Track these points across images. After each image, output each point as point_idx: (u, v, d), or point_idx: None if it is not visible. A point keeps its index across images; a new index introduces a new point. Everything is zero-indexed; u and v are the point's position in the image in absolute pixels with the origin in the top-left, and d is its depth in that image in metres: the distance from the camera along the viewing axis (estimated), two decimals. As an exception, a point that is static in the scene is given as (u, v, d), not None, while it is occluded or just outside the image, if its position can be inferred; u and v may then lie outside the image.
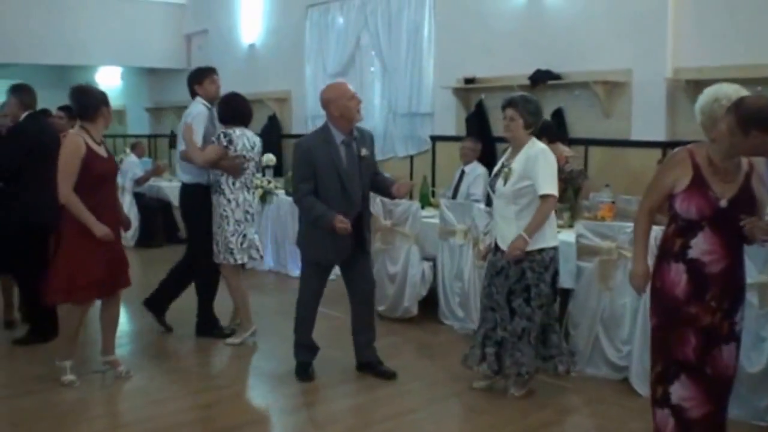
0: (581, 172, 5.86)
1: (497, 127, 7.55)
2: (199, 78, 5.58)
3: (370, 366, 4.74)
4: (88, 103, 4.53)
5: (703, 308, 3.22)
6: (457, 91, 7.78)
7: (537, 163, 4.18)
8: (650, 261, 3.49)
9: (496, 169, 4.39)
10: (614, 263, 4.57)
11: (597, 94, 6.65)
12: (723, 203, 3.18)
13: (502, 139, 7.35)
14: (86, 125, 4.52)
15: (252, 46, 10.76)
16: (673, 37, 6.33)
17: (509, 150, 4.37)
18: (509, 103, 4.26)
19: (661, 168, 3.46)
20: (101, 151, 4.52)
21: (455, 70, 7.78)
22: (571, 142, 6.95)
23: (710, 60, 6.09)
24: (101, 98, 4.59)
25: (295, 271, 7.44)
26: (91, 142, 4.45)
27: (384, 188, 4.70)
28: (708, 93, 3.36)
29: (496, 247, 4.32)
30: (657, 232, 3.62)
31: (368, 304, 4.78)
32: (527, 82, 7.02)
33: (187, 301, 5.72)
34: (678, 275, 3.25)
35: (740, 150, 3.14)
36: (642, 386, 4.33)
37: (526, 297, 4.22)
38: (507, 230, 4.26)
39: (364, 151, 4.54)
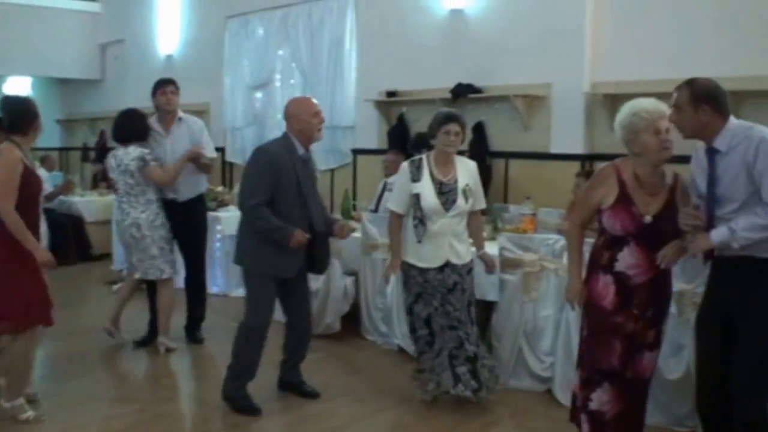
0: None
1: (419, 140, 7.60)
2: (153, 90, 5.66)
3: (293, 385, 4.59)
4: (23, 115, 4.17)
5: (628, 316, 3.35)
6: (379, 104, 7.74)
7: (477, 178, 4.34)
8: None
9: (429, 186, 4.23)
10: (537, 275, 4.58)
11: (517, 108, 6.71)
12: (647, 219, 3.29)
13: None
14: (17, 139, 4.12)
15: (170, 57, 10.50)
16: (591, 52, 6.45)
17: (433, 164, 4.29)
18: (455, 119, 4.24)
19: (589, 184, 3.55)
20: (33, 167, 4.22)
21: (377, 82, 7.75)
22: (492, 155, 7.02)
23: (627, 74, 6.22)
24: (36, 110, 4.25)
25: (214, 288, 7.27)
26: (25, 158, 4.07)
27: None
28: (626, 107, 3.40)
29: (442, 265, 4.25)
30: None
31: (308, 325, 4.64)
32: (449, 95, 7.05)
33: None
34: (606, 287, 3.37)
35: (685, 127, 3.23)
36: (566, 397, 4.33)
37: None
38: (459, 245, 4.30)
39: (318, 173, 4.52)
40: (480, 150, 6.93)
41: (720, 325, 3.30)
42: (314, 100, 4.46)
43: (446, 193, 4.23)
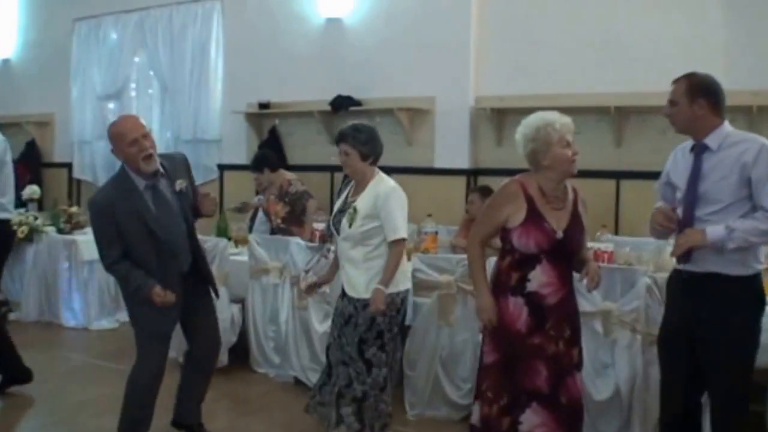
0: (305, 192, 5.99)
1: (294, 154, 7.16)
2: None
3: (190, 428, 4.02)
4: None
5: (546, 338, 3.20)
6: (249, 117, 7.24)
7: (388, 204, 3.69)
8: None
9: (338, 205, 3.87)
10: (453, 297, 4.29)
11: (400, 122, 6.48)
12: (559, 234, 3.18)
13: (301, 167, 7.00)
14: None
15: (7, 61, 9.26)
16: (475, 66, 6.33)
17: (352, 183, 3.90)
18: (340, 138, 3.79)
19: (493, 201, 3.35)
20: None
21: (246, 93, 7.23)
22: (373, 170, 6.73)
23: (512, 89, 6.16)
24: None
25: (70, 321, 6.46)
26: None
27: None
28: (535, 120, 3.26)
29: (343, 293, 3.80)
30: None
31: (210, 362, 4.06)
32: (328, 107, 6.69)
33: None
34: (517, 309, 3.21)
35: (679, 120, 3.12)
36: None
37: (380, 344, 3.73)
38: (355, 275, 3.74)
39: (179, 184, 3.76)
40: (360, 165, 6.62)
41: (686, 344, 3.15)
42: (139, 120, 3.73)
43: (339, 213, 3.82)
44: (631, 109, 5.80)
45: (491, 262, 3.48)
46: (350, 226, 3.71)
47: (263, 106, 7.09)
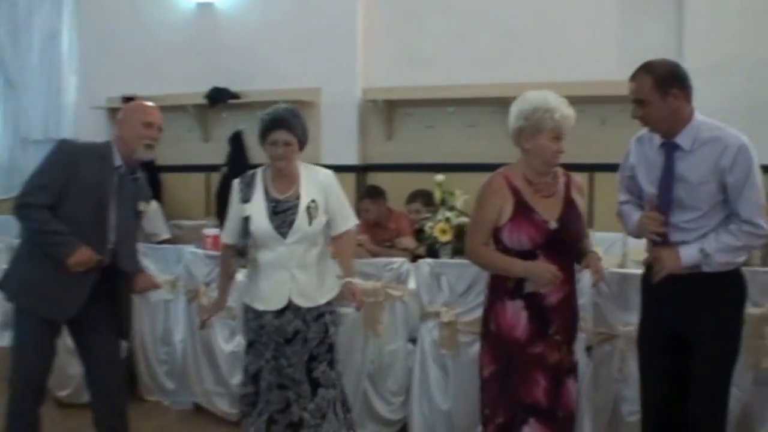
0: None
1: (165, 153, 6.41)
2: None
3: None
4: None
5: (549, 345, 2.95)
6: (111, 113, 6.41)
7: (334, 190, 3.35)
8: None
9: (267, 208, 3.26)
10: (381, 305, 3.87)
11: (286, 115, 5.96)
12: (553, 224, 2.92)
13: (172, 168, 6.31)
14: None
15: None
16: (363, 55, 5.95)
17: (269, 179, 3.34)
18: (278, 125, 3.21)
19: (479, 201, 3.04)
20: None
21: (107, 87, 6.41)
22: (253, 168, 6.17)
23: (403, 79, 5.83)
24: None
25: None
26: None
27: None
28: (537, 98, 2.95)
29: (284, 308, 3.25)
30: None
31: (118, 392, 3.40)
32: (203, 100, 6.06)
33: None
34: (516, 314, 2.94)
35: (654, 119, 2.81)
36: None
37: (330, 360, 3.29)
38: (308, 281, 3.26)
39: (143, 206, 3.35)
40: (240, 163, 6.06)
41: (667, 343, 2.93)
42: (156, 110, 3.38)
43: (282, 213, 3.26)
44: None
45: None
46: (310, 223, 3.23)
47: (127, 100, 6.23)
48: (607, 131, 5.37)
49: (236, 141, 6.16)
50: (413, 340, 3.93)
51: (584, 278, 3.55)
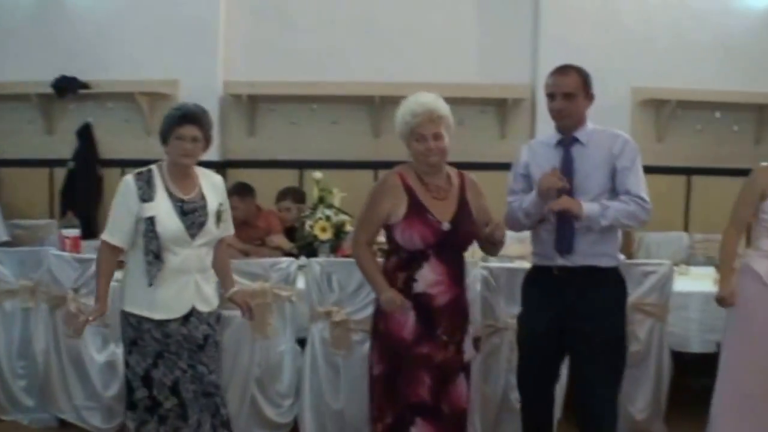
0: None
1: (3, 147, 5.86)
2: None
3: None
4: None
5: (436, 345, 2.95)
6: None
7: (225, 196, 3.22)
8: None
9: (174, 208, 3.02)
10: (269, 307, 3.74)
11: (140, 108, 5.64)
12: (446, 225, 2.94)
13: (10, 162, 5.77)
14: None
15: None
16: (225, 47, 5.75)
17: (168, 178, 3.10)
18: (190, 119, 3.00)
19: (371, 197, 3.04)
20: None
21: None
22: (104, 164, 5.81)
23: (266, 74, 5.70)
24: None
25: None
26: None
27: None
28: (408, 102, 3.01)
29: (187, 315, 3.05)
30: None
31: None
32: (49, 90, 5.58)
33: None
34: (404, 315, 2.94)
35: (573, 114, 3.01)
36: None
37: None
38: (207, 285, 3.14)
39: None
40: (89, 158, 5.69)
41: (556, 338, 3.07)
42: None
43: (190, 214, 3.06)
44: (389, 99, 5.69)
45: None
46: (218, 225, 3.11)
47: (-43, 87, 5.68)
48: (465, 132, 5.52)
49: (85, 134, 5.77)
50: (301, 341, 3.85)
51: (471, 274, 3.67)
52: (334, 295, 3.68)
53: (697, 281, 4.20)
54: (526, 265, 3.57)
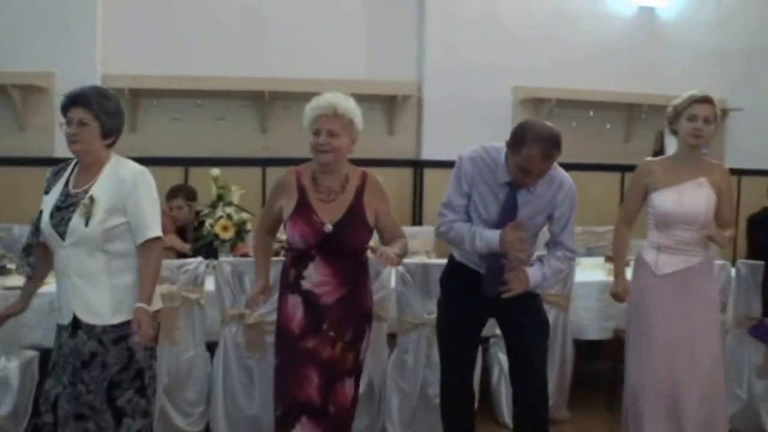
0: None
1: None
2: None
3: None
4: None
5: (322, 341, 2.94)
6: None
7: (137, 192, 2.75)
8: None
9: (53, 200, 2.76)
10: (177, 310, 3.53)
11: (13, 102, 5.19)
12: (328, 228, 2.91)
13: None
14: None
15: None
16: (103, 39, 5.39)
17: (71, 170, 2.84)
18: (74, 102, 2.71)
19: (272, 191, 3.11)
20: None
21: None
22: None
23: (147, 68, 5.39)
24: None
25: None
26: None
27: None
28: (310, 104, 2.98)
29: (75, 325, 2.74)
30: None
31: None
32: None
33: None
34: (294, 308, 2.97)
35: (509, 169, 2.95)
36: None
37: (139, 386, 2.79)
38: (96, 294, 2.72)
39: None
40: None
41: (480, 323, 3.19)
42: None
43: (64, 209, 2.74)
44: (277, 94, 5.57)
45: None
46: (87, 223, 2.69)
47: None
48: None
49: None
50: (209, 346, 3.67)
51: (385, 272, 3.64)
52: (247, 296, 3.53)
53: (591, 271, 4.38)
54: (441, 261, 3.60)
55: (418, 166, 5.94)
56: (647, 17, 6.04)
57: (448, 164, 5.69)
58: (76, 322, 2.74)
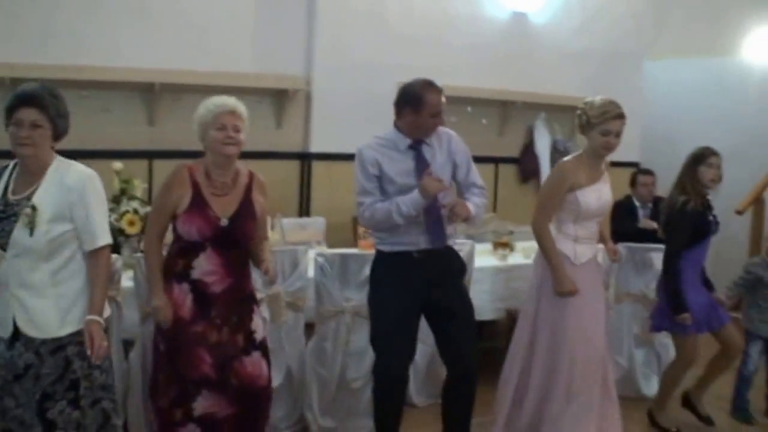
0: None
1: None
2: None
3: None
4: None
5: (209, 326, 3.07)
6: None
7: (86, 198, 2.68)
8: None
9: None
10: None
11: None
12: (224, 222, 3.04)
13: None
14: None
15: None
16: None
17: (19, 173, 2.69)
18: (27, 101, 2.58)
19: (161, 188, 3.13)
20: None
21: None
22: None
23: (24, 56, 5.08)
24: None
25: None
26: None
27: None
28: (203, 103, 3.12)
29: (14, 337, 2.62)
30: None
31: None
32: None
33: None
34: (182, 295, 3.05)
35: (406, 131, 3.29)
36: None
37: (73, 397, 2.67)
38: (41, 306, 2.63)
39: None
40: None
41: (419, 313, 3.35)
42: None
43: (5, 219, 2.61)
44: (166, 86, 5.44)
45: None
46: (31, 233, 2.58)
47: None
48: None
49: None
50: (125, 344, 3.59)
51: (303, 263, 3.72)
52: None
53: (481, 257, 4.63)
54: (359, 252, 3.74)
55: (306, 158, 6.00)
56: (520, 21, 6.45)
57: (335, 157, 5.97)
58: (15, 335, 2.62)
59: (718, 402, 4.33)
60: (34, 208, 2.60)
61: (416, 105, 3.22)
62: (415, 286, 3.28)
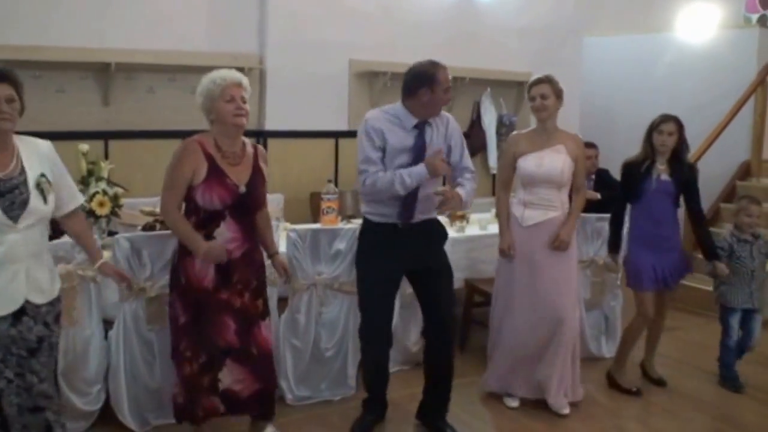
0: None
1: None
2: None
3: None
4: None
5: (233, 292, 3.26)
6: None
7: (58, 162, 2.83)
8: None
9: None
10: (75, 290, 3.45)
11: None
12: (242, 189, 3.21)
13: None
14: None
15: None
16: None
17: None
18: (2, 77, 2.60)
19: (174, 163, 3.22)
20: None
21: None
22: None
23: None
24: None
25: None
26: None
27: None
28: (207, 75, 3.27)
29: (21, 311, 2.64)
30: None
31: None
32: None
33: None
34: (204, 267, 3.21)
35: (418, 111, 3.44)
36: (133, 417, 3.63)
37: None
38: (42, 272, 2.73)
39: None
40: None
41: (401, 279, 3.60)
42: None
43: (8, 193, 2.61)
44: (121, 66, 5.40)
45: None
46: (46, 201, 2.71)
47: None
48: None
49: None
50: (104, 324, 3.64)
51: (275, 238, 3.81)
52: (146, 270, 3.56)
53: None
54: (327, 227, 3.85)
55: (261, 136, 6.03)
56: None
57: (290, 134, 6.03)
58: (20, 309, 2.66)
59: (706, 375, 4.61)
60: (43, 175, 2.70)
61: (431, 83, 3.38)
62: (399, 252, 3.50)
